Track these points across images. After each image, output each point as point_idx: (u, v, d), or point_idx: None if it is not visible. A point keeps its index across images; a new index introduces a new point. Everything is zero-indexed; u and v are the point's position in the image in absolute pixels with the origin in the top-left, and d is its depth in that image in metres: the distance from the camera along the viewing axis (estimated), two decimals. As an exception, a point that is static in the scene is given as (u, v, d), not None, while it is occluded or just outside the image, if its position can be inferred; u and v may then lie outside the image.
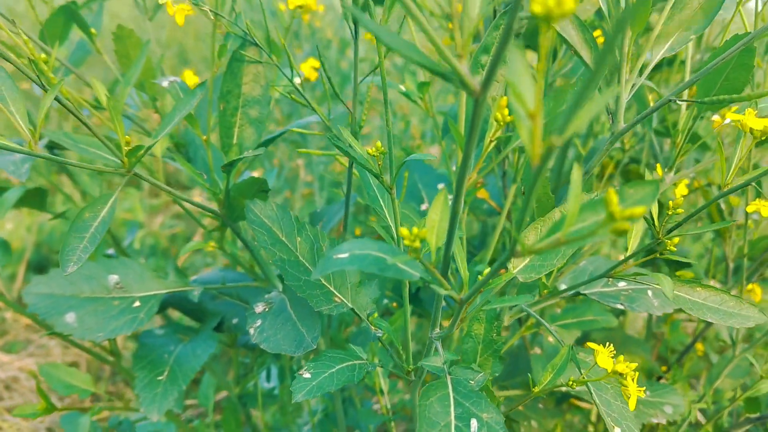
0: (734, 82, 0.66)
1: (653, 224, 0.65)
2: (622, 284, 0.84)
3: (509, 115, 0.49)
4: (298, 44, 1.99)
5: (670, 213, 0.62)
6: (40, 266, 1.94)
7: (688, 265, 1.26)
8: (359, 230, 1.39)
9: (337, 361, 0.65)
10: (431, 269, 0.46)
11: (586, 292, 0.82)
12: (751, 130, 0.53)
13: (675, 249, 0.66)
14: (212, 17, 0.68)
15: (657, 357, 1.30)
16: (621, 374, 0.57)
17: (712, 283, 1.28)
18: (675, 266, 1.24)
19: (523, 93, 0.23)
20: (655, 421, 0.88)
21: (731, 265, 1.08)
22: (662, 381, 1.11)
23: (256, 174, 1.02)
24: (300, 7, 0.85)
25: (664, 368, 1.09)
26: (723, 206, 1.12)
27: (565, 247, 0.53)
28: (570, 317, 0.98)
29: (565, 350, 0.64)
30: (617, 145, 1.14)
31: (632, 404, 0.59)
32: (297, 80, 0.84)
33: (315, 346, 0.69)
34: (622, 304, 0.81)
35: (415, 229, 0.43)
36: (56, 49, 0.71)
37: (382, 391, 1.00)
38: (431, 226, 0.46)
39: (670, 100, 0.62)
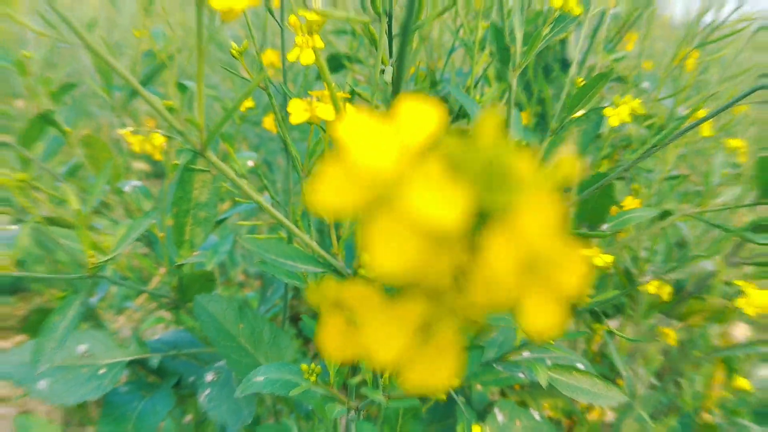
0: (602, 206, 0.81)
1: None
2: (526, 354, 0.99)
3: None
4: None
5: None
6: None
7: (606, 315, 1.42)
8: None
9: (271, 434, 0.79)
10: (332, 391, 0.60)
11: (494, 364, 0.96)
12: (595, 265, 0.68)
13: (552, 342, 0.81)
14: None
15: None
16: None
17: (627, 329, 1.44)
18: (595, 316, 1.40)
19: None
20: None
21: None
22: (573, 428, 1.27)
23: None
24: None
25: (569, 421, 1.24)
26: (633, 271, 1.28)
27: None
28: (490, 375, 1.13)
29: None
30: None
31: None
32: (251, 163, 0.98)
33: (250, 421, 0.82)
34: (523, 373, 0.96)
35: (313, 366, 0.57)
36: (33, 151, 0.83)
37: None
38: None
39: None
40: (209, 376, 0.92)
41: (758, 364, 1.14)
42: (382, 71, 0.63)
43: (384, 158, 0.16)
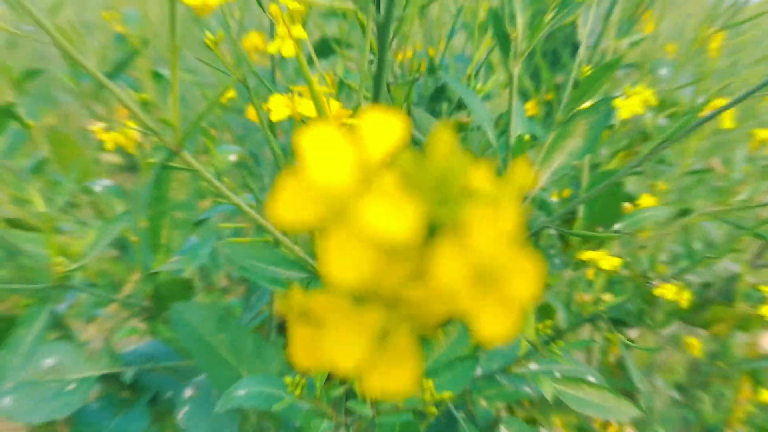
0: (610, 206, 0.84)
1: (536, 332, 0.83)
2: (533, 366, 1.02)
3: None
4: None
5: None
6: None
7: (623, 324, 1.45)
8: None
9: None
10: (318, 406, 0.63)
11: (497, 376, 0.99)
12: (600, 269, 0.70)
13: (559, 353, 0.83)
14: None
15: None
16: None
17: (646, 339, 1.47)
18: (614, 323, 1.43)
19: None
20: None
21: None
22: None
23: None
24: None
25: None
26: (652, 274, 1.30)
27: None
28: (494, 389, 1.16)
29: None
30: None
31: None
32: (233, 157, 1.01)
33: (233, 440, 0.85)
34: (529, 387, 0.99)
35: (298, 378, 0.60)
36: None
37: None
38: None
39: (546, 226, 0.79)
40: (188, 392, 0.95)
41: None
42: (371, 61, 0.66)
43: (340, 173, 0.18)
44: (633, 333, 1.64)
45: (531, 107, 1.20)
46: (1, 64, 0.98)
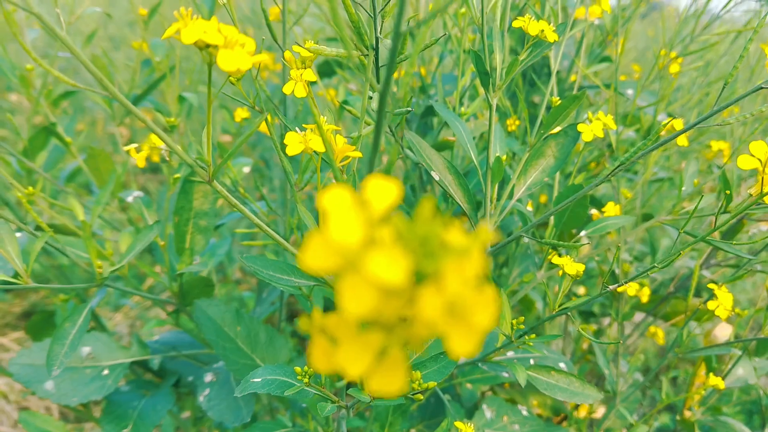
0: (577, 215, 0.89)
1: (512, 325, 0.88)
2: (511, 354, 1.07)
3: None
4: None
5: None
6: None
7: (593, 315, 1.50)
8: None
9: (267, 429, 0.87)
10: (324, 391, 0.68)
11: (479, 363, 1.05)
12: (566, 273, 0.76)
13: (531, 344, 0.89)
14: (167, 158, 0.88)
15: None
16: None
17: (614, 327, 1.53)
18: (585, 316, 1.49)
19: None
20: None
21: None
22: (563, 424, 1.35)
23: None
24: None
25: (557, 417, 1.33)
26: (617, 271, 1.36)
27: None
28: (478, 374, 1.21)
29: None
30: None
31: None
32: (246, 169, 1.06)
33: (249, 420, 0.90)
34: (507, 372, 1.04)
35: (306, 368, 0.65)
36: (38, 160, 0.91)
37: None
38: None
39: (520, 235, 0.85)
40: (208, 377, 1.00)
41: (737, 363, 1.22)
42: (370, 98, 0.71)
43: (352, 234, 0.24)
44: (606, 321, 1.70)
45: (511, 123, 1.25)
46: (43, 88, 1.02)
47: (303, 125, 0.56)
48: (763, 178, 0.56)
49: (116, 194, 1.00)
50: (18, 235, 1.07)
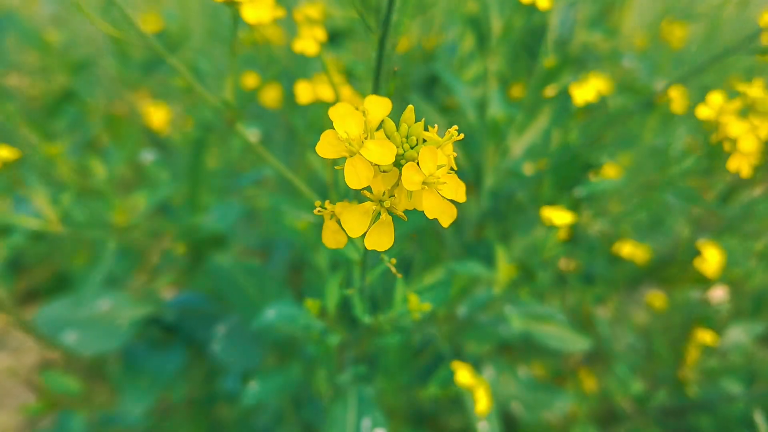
0: (572, 173, 0.99)
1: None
2: (508, 307, 1.17)
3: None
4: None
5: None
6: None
7: (594, 281, 1.60)
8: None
9: (278, 376, 0.98)
10: (329, 324, 0.79)
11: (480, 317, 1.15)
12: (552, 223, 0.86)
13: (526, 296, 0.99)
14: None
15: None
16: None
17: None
18: (586, 281, 1.59)
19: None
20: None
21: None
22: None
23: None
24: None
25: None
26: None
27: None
28: (477, 332, 1.32)
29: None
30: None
31: (481, 407, 0.91)
32: (254, 138, 1.16)
33: (259, 362, 1.01)
34: (505, 326, 1.15)
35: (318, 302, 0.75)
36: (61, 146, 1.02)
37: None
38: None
39: (515, 190, 0.95)
40: (221, 329, 1.11)
41: (730, 326, 1.32)
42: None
43: (353, 130, 0.34)
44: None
45: (516, 90, 1.34)
46: (62, 57, 1.13)
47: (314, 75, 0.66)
48: (718, 126, 0.65)
49: (133, 156, 1.10)
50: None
